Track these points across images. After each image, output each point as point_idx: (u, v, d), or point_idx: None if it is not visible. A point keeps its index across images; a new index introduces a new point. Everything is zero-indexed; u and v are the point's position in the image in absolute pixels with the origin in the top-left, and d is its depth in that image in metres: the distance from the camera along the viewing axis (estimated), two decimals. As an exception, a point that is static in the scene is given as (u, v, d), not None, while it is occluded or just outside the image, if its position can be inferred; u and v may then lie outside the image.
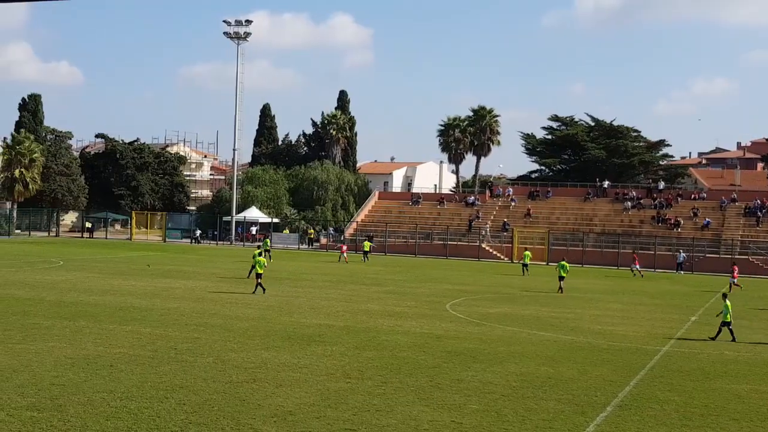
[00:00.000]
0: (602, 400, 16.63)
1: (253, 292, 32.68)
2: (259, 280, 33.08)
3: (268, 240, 59.03)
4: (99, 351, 19.54)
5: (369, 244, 59.78)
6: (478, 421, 14.64)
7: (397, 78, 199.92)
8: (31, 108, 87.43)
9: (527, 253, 51.86)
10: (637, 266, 54.29)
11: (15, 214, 77.88)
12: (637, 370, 19.86)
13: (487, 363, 20.02)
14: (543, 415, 15.25)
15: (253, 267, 34.70)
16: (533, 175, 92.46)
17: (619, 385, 18.10)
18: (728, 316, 25.07)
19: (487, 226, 71.04)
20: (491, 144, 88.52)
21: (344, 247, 58.35)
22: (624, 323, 28.86)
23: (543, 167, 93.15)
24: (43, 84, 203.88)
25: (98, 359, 18.52)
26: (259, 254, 35.13)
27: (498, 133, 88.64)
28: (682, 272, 58.44)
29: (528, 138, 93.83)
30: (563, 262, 40.56)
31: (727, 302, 25.37)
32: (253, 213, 78.77)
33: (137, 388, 15.89)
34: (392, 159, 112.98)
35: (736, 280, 44.12)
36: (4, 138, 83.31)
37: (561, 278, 39.72)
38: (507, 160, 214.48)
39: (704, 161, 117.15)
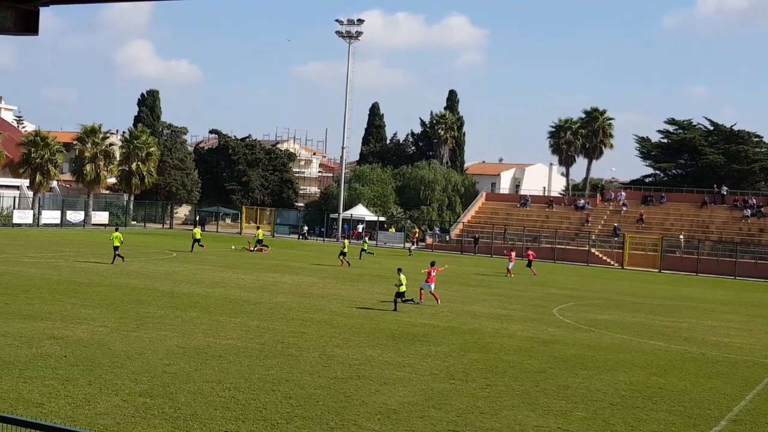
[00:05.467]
0: (715, 413, 15.96)
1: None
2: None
3: (366, 239, 59.38)
4: (209, 342, 20.01)
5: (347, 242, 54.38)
6: (585, 429, 14.27)
7: (508, 79, 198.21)
8: (149, 104, 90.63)
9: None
10: None
11: (131, 206, 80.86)
12: (754, 384, 18.98)
13: (595, 370, 19.52)
14: (653, 426, 14.75)
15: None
16: (647, 180, 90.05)
17: (733, 398, 17.33)
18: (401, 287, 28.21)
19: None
20: (604, 147, 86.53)
21: (512, 254, 48.95)
22: (741, 335, 27.66)
23: (657, 172, 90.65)
24: (162, 81, 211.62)
25: (208, 350, 18.96)
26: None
27: (611, 135, 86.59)
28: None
29: (643, 141, 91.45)
30: None
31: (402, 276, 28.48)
32: (360, 211, 79.42)
33: (245, 380, 16.17)
34: (500, 160, 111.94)
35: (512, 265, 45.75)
36: (123, 132, 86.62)
37: None
38: (620, 163, 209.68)
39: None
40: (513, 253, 48.87)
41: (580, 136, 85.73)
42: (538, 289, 39.70)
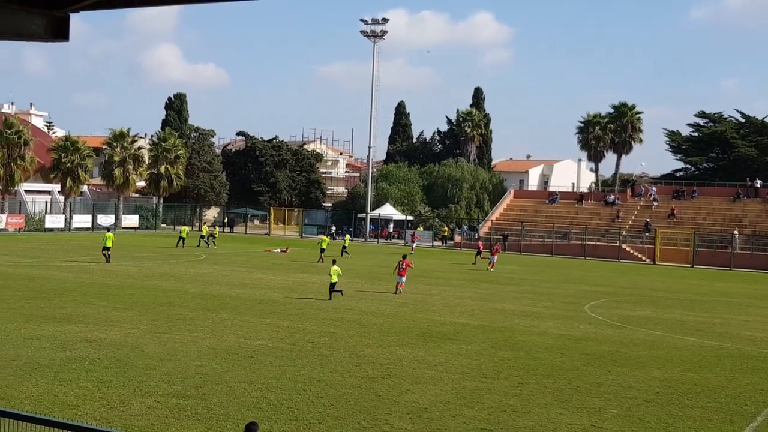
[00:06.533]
0: (752, 409, 15.76)
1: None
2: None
3: (348, 236, 58.80)
4: (240, 342, 20.09)
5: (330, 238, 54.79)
6: (619, 427, 14.15)
7: (535, 75, 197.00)
8: (176, 107, 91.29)
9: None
10: None
11: (161, 209, 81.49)
12: (792, 380, 18.70)
13: (629, 367, 19.34)
14: (688, 422, 14.59)
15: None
16: (678, 174, 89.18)
17: (772, 395, 17.09)
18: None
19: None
20: (633, 142, 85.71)
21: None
22: (776, 330, 27.28)
23: (688, 166, 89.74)
24: (189, 84, 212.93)
25: (239, 350, 19.04)
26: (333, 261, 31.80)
27: (640, 130, 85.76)
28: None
29: (673, 135, 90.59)
30: None
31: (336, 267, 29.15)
32: (388, 210, 79.41)
33: (276, 380, 16.21)
34: (528, 157, 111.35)
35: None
36: (151, 136, 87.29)
37: None
38: (649, 158, 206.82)
39: None
40: (497, 246, 51.95)
41: (609, 131, 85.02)
42: (568, 286, 39.44)
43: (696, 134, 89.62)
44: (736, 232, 63.77)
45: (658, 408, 15.54)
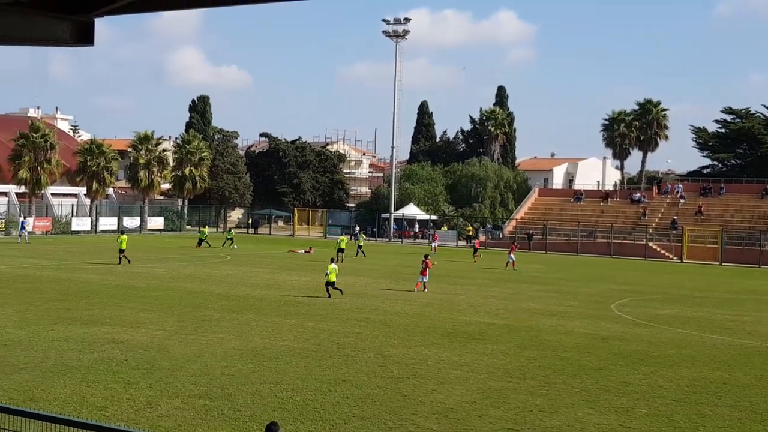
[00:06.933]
0: (784, 409, 15.54)
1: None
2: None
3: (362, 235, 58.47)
4: (265, 343, 20.13)
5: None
6: (648, 426, 14.02)
7: (559, 73, 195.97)
8: (199, 109, 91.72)
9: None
10: None
11: (185, 211, 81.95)
12: (824, 379, 18.43)
13: (657, 366, 19.16)
14: (718, 422, 14.43)
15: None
16: (705, 171, 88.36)
17: (803, 393, 16.86)
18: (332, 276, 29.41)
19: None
20: (659, 138, 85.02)
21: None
22: (807, 328, 26.91)
23: (715, 162, 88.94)
24: (212, 87, 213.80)
25: (265, 351, 19.07)
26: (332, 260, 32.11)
27: (666, 127, 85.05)
28: None
29: (699, 132, 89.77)
30: None
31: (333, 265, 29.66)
32: (411, 210, 79.33)
33: (302, 381, 16.22)
34: (552, 155, 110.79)
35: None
36: (175, 138, 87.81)
37: None
38: (675, 155, 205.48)
39: None
40: (515, 245, 51.07)
41: (634, 129, 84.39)
42: (595, 285, 39.18)
43: (723, 130, 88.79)
44: None
45: (686, 407, 15.38)
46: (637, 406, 15.30)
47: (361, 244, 54.67)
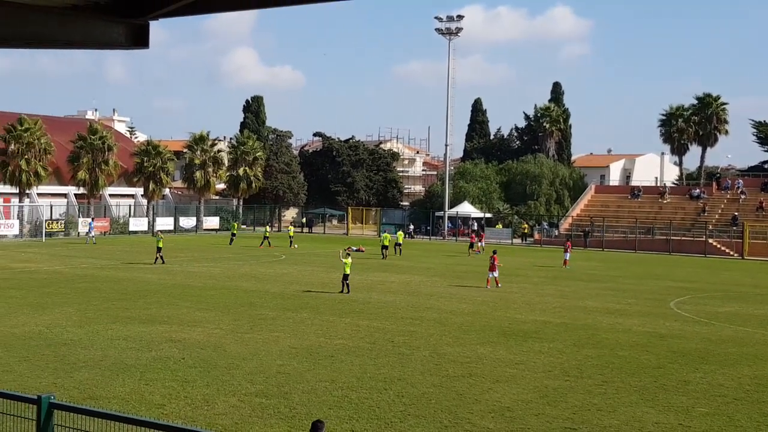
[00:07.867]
0: None
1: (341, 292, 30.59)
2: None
3: (399, 232, 57.60)
4: (320, 342, 20.21)
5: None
6: (708, 425, 13.73)
7: (615, 68, 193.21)
8: (254, 109, 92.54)
9: None
10: None
11: (240, 210, 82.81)
12: None
13: (717, 364, 18.77)
14: (783, 423, 14.04)
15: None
16: (766, 166, 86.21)
17: None
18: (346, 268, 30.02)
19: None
20: (718, 133, 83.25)
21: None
22: None
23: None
24: (266, 87, 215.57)
25: (320, 350, 19.15)
26: (347, 255, 32.27)
27: (725, 121, 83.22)
28: None
29: (760, 126, 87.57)
30: None
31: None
32: (465, 208, 78.99)
33: (357, 379, 16.24)
34: (609, 151, 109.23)
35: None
36: (230, 138, 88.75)
37: None
38: (736, 150, 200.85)
39: None
40: (569, 244, 49.79)
41: (693, 124, 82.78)
42: (653, 283, 38.54)
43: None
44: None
45: (748, 406, 15.03)
46: (697, 405, 15.00)
47: (400, 241, 54.63)
